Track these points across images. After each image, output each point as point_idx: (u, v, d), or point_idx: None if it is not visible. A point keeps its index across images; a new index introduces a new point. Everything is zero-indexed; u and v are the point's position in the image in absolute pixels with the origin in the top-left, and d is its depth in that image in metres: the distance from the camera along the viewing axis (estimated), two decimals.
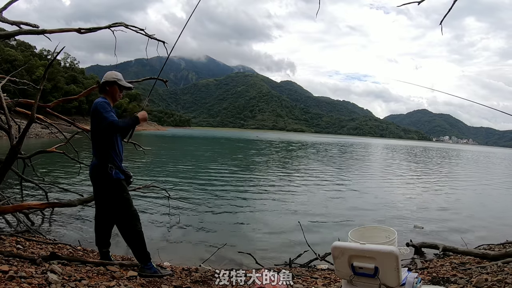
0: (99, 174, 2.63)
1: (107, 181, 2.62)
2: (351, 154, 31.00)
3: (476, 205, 8.89)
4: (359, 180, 12.65)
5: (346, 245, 1.72)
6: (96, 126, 2.61)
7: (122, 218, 2.66)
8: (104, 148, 2.63)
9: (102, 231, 2.83)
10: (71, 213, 5.38)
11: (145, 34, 4.34)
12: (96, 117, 2.57)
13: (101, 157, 2.63)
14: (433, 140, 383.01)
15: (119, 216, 2.67)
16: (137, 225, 2.67)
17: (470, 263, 3.48)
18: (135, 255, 2.70)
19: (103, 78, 2.74)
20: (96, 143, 2.66)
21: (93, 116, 2.60)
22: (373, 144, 79.23)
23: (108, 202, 2.69)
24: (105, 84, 2.71)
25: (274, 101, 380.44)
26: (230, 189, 9.03)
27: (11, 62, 47.37)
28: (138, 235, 2.64)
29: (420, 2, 2.43)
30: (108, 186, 2.63)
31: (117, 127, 2.54)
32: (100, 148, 2.64)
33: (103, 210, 2.79)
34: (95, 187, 2.73)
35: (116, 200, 2.65)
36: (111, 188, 2.64)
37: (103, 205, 2.76)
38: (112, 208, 2.70)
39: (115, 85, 2.73)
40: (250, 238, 4.99)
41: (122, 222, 2.67)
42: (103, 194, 2.70)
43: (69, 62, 75.06)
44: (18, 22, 3.96)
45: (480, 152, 79.12)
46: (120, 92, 2.77)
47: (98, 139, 2.65)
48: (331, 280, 2.99)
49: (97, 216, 2.84)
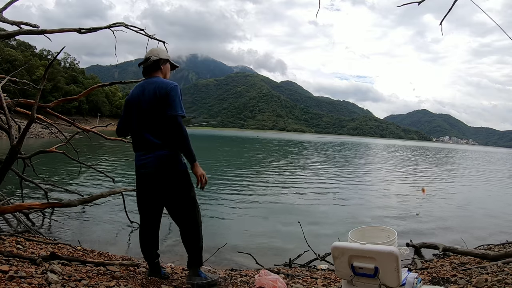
0: (171, 165, 2.25)
1: (180, 172, 2.29)
2: (352, 154, 30.99)
3: (476, 205, 8.88)
4: (359, 180, 12.64)
5: (346, 245, 1.72)
6: (163, 109, 2.23)
7: (190, 216, 2.35)
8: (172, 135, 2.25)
9: (153, 240, 2.45)
10: (71, 213, 5.37)
11: (145, 34, 4.35)
12: (166, 100, 2.21)
13: (171, 145, 2.25)
14: (433, 140, 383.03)
15: (187, 214, 2.34)
16: (199, 216, 2.41)
17: (470, 263, 3.48)
18: (191, 257, 2.39)
19: (155, 54, 2.41)
20: (164, 128, 2.25)
21: (162, 98, 2.23)
22: (373, 144, 79.22)
23: (175, 195, 2.32)
24: (159, 62, 2.39)
25: (274, 101, 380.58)
26: (230, 189, 9.02)
27: (11, 62, 47.43)
28: (200, 235, 2.41)
29: (420, 2, 2.43)
30: (180, 178, 2.30)
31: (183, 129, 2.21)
32: (169, 134, 2.24)
33: (156, 214, 2.41)
34: (157, 184, 2.30)
35: (188, 194, 2.33)
36: (183, 180, 2.31)
37: (160, 207, 2.40)
38: (178, 200, 2.33)
39: (168, 63, 2.44)
40: (250, 238, 4.99)
41: (188, 220, 2.35)
42: (169, 189, 2.30)
43: (69, 62, 75.13)
44: (18, 22, 3.97)
45: (480, 152, 79.14)
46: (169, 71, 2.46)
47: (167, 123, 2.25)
48: (331, 280, 2.98)
49: (147, 223, 2.42)
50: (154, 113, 2.26)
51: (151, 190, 2.34)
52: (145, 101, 2.29)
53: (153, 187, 2.33)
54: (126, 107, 2.44)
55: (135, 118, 2.35)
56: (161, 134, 2.26)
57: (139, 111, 2.32)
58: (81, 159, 5.73)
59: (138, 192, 2.43)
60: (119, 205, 5.36)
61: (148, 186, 2.35)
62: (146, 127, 2.29)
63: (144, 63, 2.43)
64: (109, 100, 74.76)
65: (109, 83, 4.73)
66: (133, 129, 2.38)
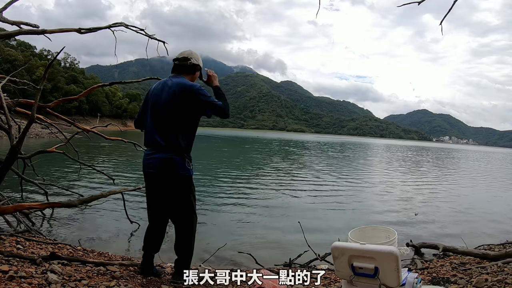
0: (173, 169, 2.23)
1: (182, 179, 2.26)
2: (352, 154, 30.99)
3: (477, 205, 8.88)
4: (359, 180, 12.64)
5: (346, 245, 1.72)
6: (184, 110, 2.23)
7: (184, 221, 2.36)
8: (184, 138, 2.26)
9: (158, 236, 2.47)
10: (71, 213, 5.37)
11: (145, 34, 4.35)
12: (189, 100, 2.21)
13: (178, 149, 2.23)
14: (433, 140, 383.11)
15: (183, 218, 2.36)
16: (194, 230, 2.40)
17: (470, 263, 3.48)
18: (179, 261, 2.40)
19: (194, 59, 2.38)
20: (176, 130, 2.24)
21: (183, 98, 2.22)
22: (373, 144, 79.20)
23: (174, 202, 2.33)
24: (196, 68, 2.39)
25: (274, 101, 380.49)
26: (230, 189, 9.02)
27: (11, 62, 47.44)
28: (192, 242, 2.40)
29: (420, 2, 2.43)
30: (182, 184, 2.28)
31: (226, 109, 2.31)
32: (179, 137, 2.24)
33: (163, 213, 2.41)
34: (161, 186, 2.31)
35: (185, 201, 2.32)
36: (184, 187, 2.29)
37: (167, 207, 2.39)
38: (176, 208, 2.35)
39: (199, 71, 2.44)
40: (250, 238, 4.99)
41: (182, 225, 2.37)
42: (170, 193, 2.31)
43: (69, 62, 75.11)
44: (18, 22, 3.97)
45: (480, 152, 79.10)
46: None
47: (182, 126, 2.25)
48: (331, 280, 2.98)
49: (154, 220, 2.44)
50: (167, 113, 2.24)
51: (156, 189, 2.36)
52: (162, 100, 2.27)
53: (157, 187, 2.35)
54: (145, 100, 2.45)
55: (149, 114, 2.34)
56: (169, 136, 2.24)
57: (154, 108, 2.31)
58: (81, 159, 5.73)
59: (146, 189, 2.45)
60: (119, 205, 5.36)
61: (152, 185, 2.37)
62: (156, 126, 2.28)
63: (181, 61, 2.39)
64: (109, 100, 74.75)
65: (109, 83, 4.73)
66: (146, 125, 2.37)
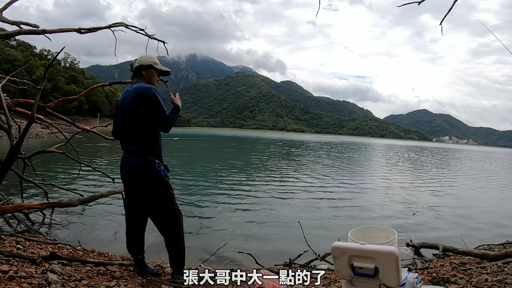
0: (145, 172, 2.34)
1: (154, 179, 2.36)
2: (352, 154, 30.99)
3: (476, 205, 8.88)
4: (359, 180, 12.64)
5: (346, 245, 1.72)
6: (141, 115, 2.33)
7: (166, 218, 2.44)
8: (150, 142, 2.36)
9: (138, 237, 2.54)
10: (71, 213, 5.38)
11: (145, 34, 4.35)
12: (144, 105, 2.31)
13: (146, 152, 2.35)
14: (433, 140, 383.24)
15: (163, 216, 2.44)
16: (181, 225, 2.47)
17: (470, 263, 3.48)
18: (171, 259, 2.47)
19: (137, 61, 2.52)
20: (138, 135, 2.36)
21: (137, 103, 2.32)
22: (374, 144, 79.20)
23: (152, 202, 2.43)
24: (140, 68, 2.48)
25: (274, 101, 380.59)
26: (230, 189, 9.03)
27: (11, 62, 47.43)
28: (181, 241, 2.46)
29: (420, 2, 2.43)
30: (155, 184, 2.37)
31: (172, 123, 2.35)
32: (145, 141, 2.36)
33: (139, 212, 2.50)
34: (134, 187, 2.42)
35: (162, 199, 2.40)
36: (158, 187, 2.38)
37: (143, 207, 2.47)
38: (155, 208, 2.44)
39: (152, 69, 2.50)
40: (250, 238, 4.99)
41: (165, 223, 2.45)
42: (146, 194, 2.41)
43: (69, 62, 75.12)
44: (18, 22, 3.97)
45: (480, 152, 79.10)
46: (158, 76, 2.54)
47: (142, 130, 2.35)
48: (331, 280, 2.98)
49: (131, 220, 2.53)
50: (131, 119, 2.38)
51: (131, 190, 2.48)
52: (126, 107, 2.41)
53: (132, 188, 2.46)
54: (116, 110, 2.59)
55: (119, 122, 2.49)
56: (136, 140, 2.38)
57: (122, 115, 2.45)
58: (81, 159, 5.72)
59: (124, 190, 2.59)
60: (119, 205, 5.36)
61: (128, 186, 2.49)
62: (125, 132, 2.44)
63: (131, 69, 2.56)
64: (109, 100, 74.68)
65: (109, 83, 4.73)
66: (118, 132, 2.52)
